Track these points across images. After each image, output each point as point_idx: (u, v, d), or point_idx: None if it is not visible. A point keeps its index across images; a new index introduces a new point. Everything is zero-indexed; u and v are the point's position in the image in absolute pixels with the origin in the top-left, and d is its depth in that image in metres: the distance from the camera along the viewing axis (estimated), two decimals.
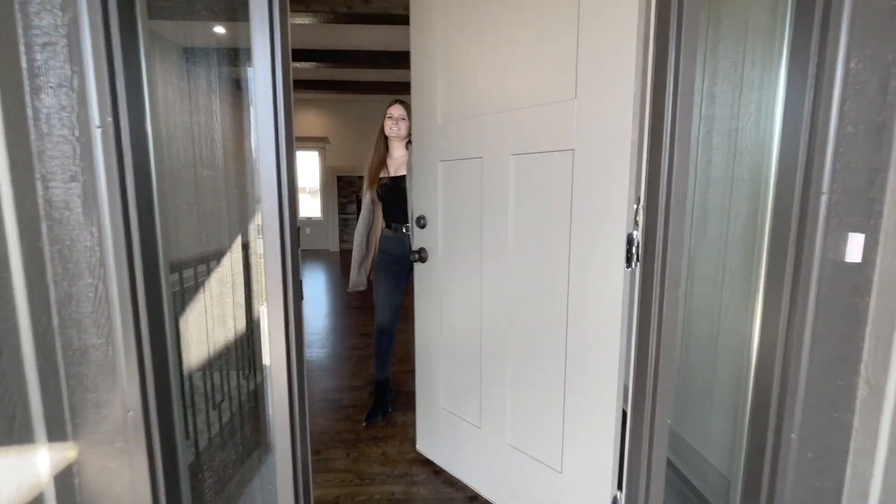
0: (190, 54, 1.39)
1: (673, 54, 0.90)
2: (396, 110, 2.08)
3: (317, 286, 5.26)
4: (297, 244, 1.00)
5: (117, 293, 0.87)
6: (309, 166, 8.27)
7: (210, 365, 1.40)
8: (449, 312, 1.65)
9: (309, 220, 8.31)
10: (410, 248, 1.99)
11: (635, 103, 1.05)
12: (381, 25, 4.44)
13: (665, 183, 0.95)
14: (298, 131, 7.91)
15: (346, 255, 7.69)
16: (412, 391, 2.31)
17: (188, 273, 1.19)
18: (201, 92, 1.40)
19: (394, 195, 2.03)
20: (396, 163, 2.09)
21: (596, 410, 1.20)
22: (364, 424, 2.10)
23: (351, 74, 6.42)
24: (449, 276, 1.62)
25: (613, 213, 1.12)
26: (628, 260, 1.09)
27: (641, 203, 1.03)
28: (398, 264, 2.12)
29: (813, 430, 0.98)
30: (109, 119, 0.84)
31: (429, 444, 1.86)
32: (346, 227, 8.15)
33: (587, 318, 1.20)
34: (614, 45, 1.06)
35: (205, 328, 1.29)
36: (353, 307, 4.23)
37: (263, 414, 1.68)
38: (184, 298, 1.17)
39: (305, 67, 5.62)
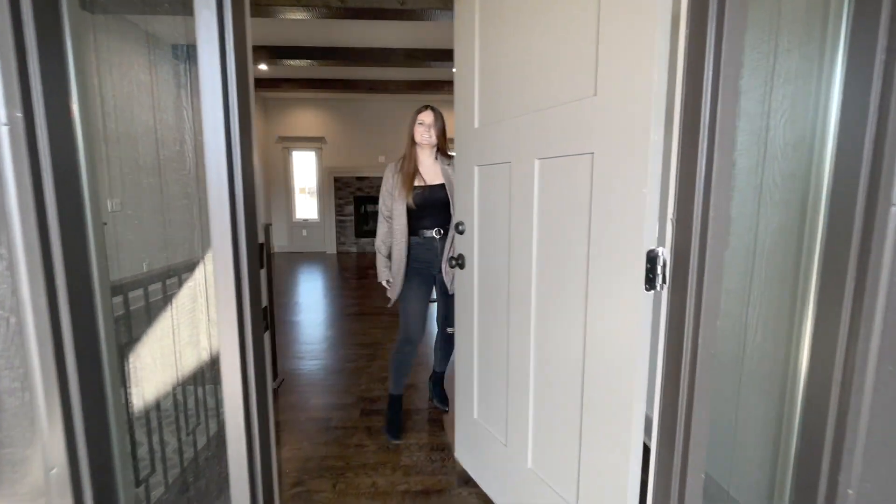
0: (153, 42, 1.23)
1: (713, 33, 0.74)
2: (427, 116, 2.01)
3: (313, 290, 5.10)
4: (260, 265, 0.84)
5: (34, 326, 0.71)
6: (306, 167, 8.12)
7: (167, 403, 1.23)
8: (482, 321, 1.60)
9: (306, 222, 8.16)
10: (438, 253, 2.00)
11: (657, 98, 0.89)
12: (377, 21, 4.28)
13: (701, 192, 0.79)
14: (294, 131, 7.77)
15: (343, 257, 7.53)
16: (410, 409, 2.17)
17: (138, 294, 1.03)
18: (164, 85, 1.23)
19: (430, 204, 1.97)
20: (429, 171, 2.03)
21: (614, 446, 1.05)
22: (396, 443, 1.99)
23: (348, 72, 6.26)
24: (482, 283, 1.57)
25: (631, 225, 0.96)
26: (650, 281, 0.93)
27: (671, 216, 0.87)
28: (427, 270, 2.03)
29: (875, 486, 0.82)
30: (19, 114, 0.68)
31: (465, 454, 1.80)
32: (343, 228, 7.99)
33: (605, 343, 1.06)
34: (639, 27, 0.90)
35: (160, 358, 1.13)
36: (347, 314, 4.07)
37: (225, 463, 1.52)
38: (130, 325, 1.01)
39: (300, 65, 5.46)
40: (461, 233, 1.64)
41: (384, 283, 2.09)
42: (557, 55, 1.16)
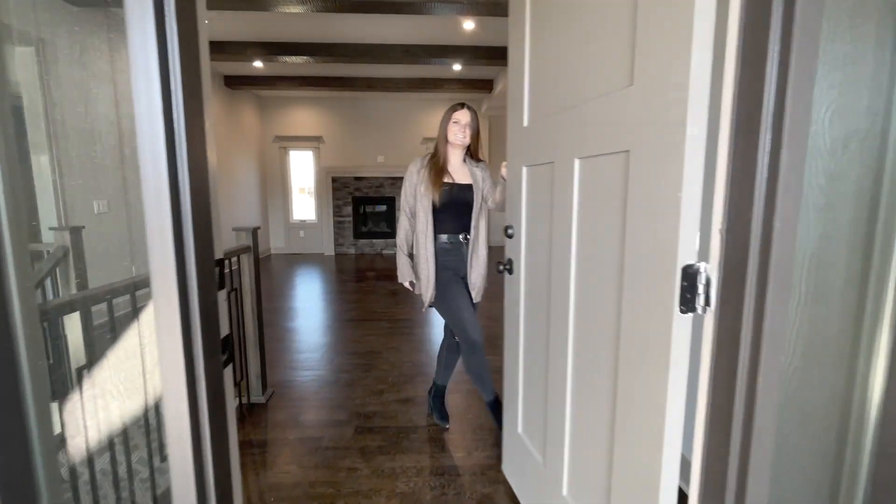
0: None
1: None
2: (464, 115, 1.91)
3: (309, 293, 4.95)
4: (219, 285, 0.68)
5: None
6: (303, 167, 7.96)
7: (102, 462, 1.07)
8: (527, 329, 1.52)
9: (303, 223, 8.00)
10: (465, 259, 1.95)
11: (697, 83, 0.74)
12: (375, 15, 4.13)
13: (763, 198, 0.64)
14: (291, 130, 7.62)
15: (341, 258, 7.37)
16: (407, 427, 2.02)
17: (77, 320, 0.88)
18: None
19: (456, 203, 1.91)
20: (458, 171, 1.96)
21: (644, 487, 0.90)
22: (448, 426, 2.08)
23: (345, 70, 6.11)
24: (528, 290, 1.49)
25: (664, 236, 0.81)
26: (687, 302, 0.78)
27: (720, 226, 0.71)
28: (462, 276, 1.97)
29: None
30: None
31: (510, 469, 1.72)
32: (341, 230, 7.84)
33: (635, 369, 0.92)
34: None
35: (96, 407, 0.97)
36: (344, 320, 3.92)
37: None
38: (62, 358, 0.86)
39: (297, 62, 5.31)
40: (510, 237, 1.56)
41: (406, 285, 2.00)
42: (594, 40, 1.04)
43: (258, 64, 5.72)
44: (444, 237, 1.92)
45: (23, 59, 2.36)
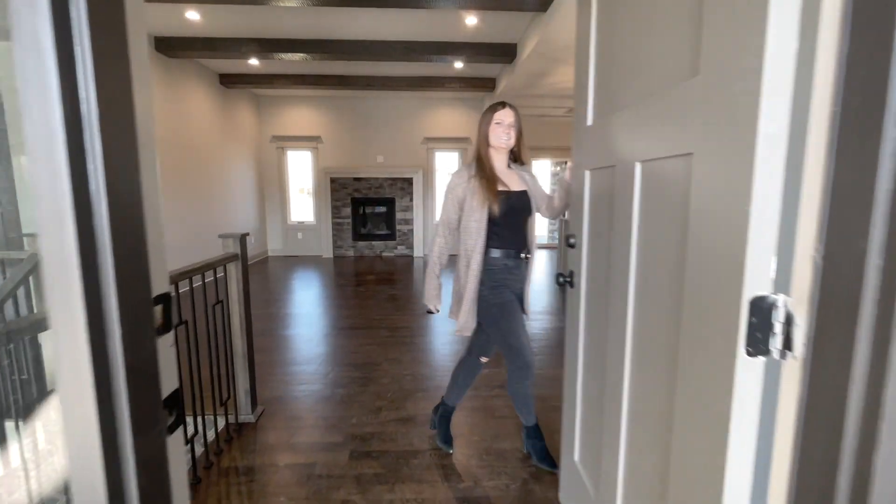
0: None
1: None
2: (507, 115, 1.70)
3: (305, 299, 4.79)
4: (164, 326, 0.52)
5: None
6: (302, 167, 7.80)
7: None
8: (587, 348, 1.37)
9: (301, 225, 7.84)
10: (524, 280, 1.77)
11: (773, 64, 0.58)
12: (375, 10, 3.97)
13: (885, 217, 0.47)
14: (289, 130, 7.46)
15: (340, 261, 7.21)
16: (408, 451, 1.86)
17: None
18: None
19: (516, 212, 1.71)
20: (508, 177, 1.75)
21: None
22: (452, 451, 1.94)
23: (344, 68, 5.94)
24: (588, 306, 1.35)
25: (729, 259, 0.65)
26: (755, 343, 0.62)
27: (814, 250, 0.55)
28: (519, 298, 1.78)
29: None
30: None
31: (567, 500, 1.57)
32: (340, 231, 7.67)
33: (693, 420, 0.77)
34: None
35: None
36: (341, 328, 3.76)
37: None
38: None
39: (294, 59, 5.15)
40: (571, 246, 1.43)
41: (431, 309, 1.81)
42: (659, 23, 0.88)
43: (254, 62, 5.56)
44: (497, 253, 1.71)
45: None
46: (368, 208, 7.73)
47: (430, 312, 1.83)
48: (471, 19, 4.17)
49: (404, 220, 7.70)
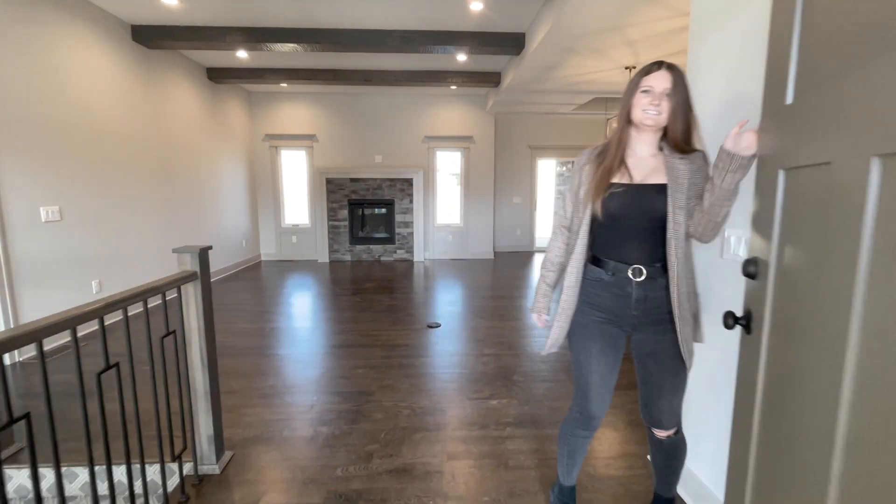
0: None
1: None
2: (660, 80, 1.18)
3: (295, 311, 4.41)
4: None
5: None
6: (296, 167, 7.42)
7: None
8: (765, 418, 0.94)
9: (296, 228, 7.46)
10: (633, 305, 1.26)
11: None
12: None
13: None
14: (282, 128, 7.09)
15: (336, 266, 6.83)
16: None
17: None
18: None
19: (633, 215, 1.24)
20: (643, 166, 1.26)
21: None
22: None
23: (340, 61, 5.57)
24: (777, 359, 0.91)
25: None
26: None
27: None
28: (616, 325, 1.31)
29: None
30: None
31: None
32: (336, 235, 7.29)
33: None
34: None
35: None
36: (332, 346, 3.38)
37: None
38: None
39: (285, 51, 4.77)
40: (751, 276, 1.01)
41: (536, 319, 1.45)
42: None
43: (242, 54, 5.19)
44: (599, 264, 1.29)
45: None
46: (366, 210, 7.35)
47: (540, 325, 1.46)
48: (476, 4, 3.79)
49: (404, 222, 7.32)
